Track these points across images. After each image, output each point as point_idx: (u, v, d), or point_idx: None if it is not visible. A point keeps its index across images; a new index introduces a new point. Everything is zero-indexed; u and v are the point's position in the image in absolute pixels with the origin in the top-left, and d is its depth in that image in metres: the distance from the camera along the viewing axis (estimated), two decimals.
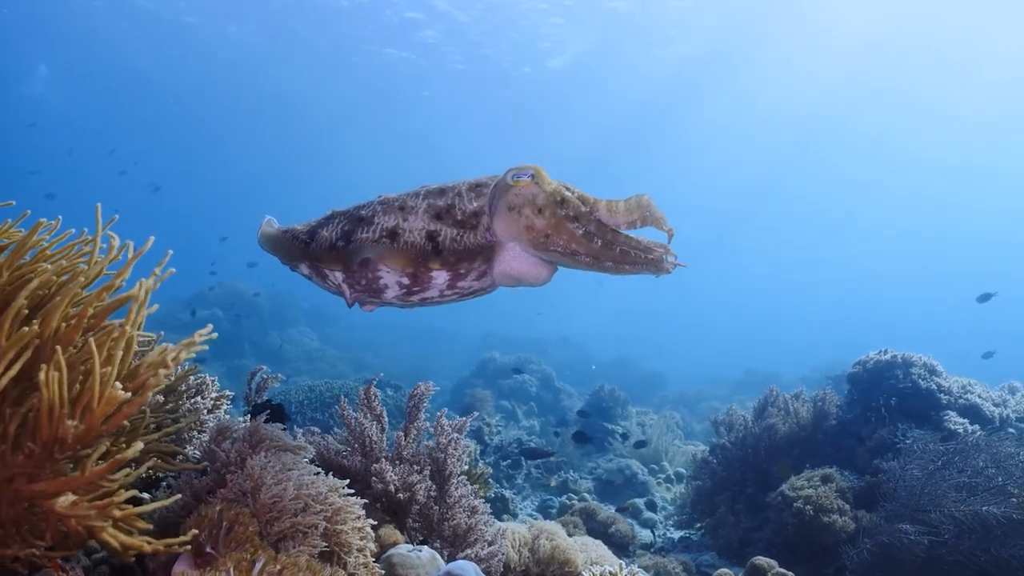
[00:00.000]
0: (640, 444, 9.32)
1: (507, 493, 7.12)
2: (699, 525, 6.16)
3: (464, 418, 2.51)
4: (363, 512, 1.85)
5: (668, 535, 6.57)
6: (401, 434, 2.47)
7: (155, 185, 21.02)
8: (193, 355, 1.37)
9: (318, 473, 1.94)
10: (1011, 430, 5.21)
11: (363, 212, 1.86)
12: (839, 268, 56.66)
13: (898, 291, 55.23)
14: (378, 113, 35.38)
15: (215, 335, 1.48)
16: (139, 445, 1.38)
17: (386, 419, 2.57)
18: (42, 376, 1.24)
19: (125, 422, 1.63)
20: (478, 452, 8.16)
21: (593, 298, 42.04)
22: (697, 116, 34.47)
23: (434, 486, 2.44)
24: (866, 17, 24.87)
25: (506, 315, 29.50)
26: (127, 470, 1.45)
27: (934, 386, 5.30)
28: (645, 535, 6.43)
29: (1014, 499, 3.61)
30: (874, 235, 53.20)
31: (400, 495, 2.34)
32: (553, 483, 7.79)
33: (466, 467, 2.54)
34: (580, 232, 1.65)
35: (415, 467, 2.42)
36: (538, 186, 1.69)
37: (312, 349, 18.01)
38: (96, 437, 1.33)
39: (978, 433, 4.33)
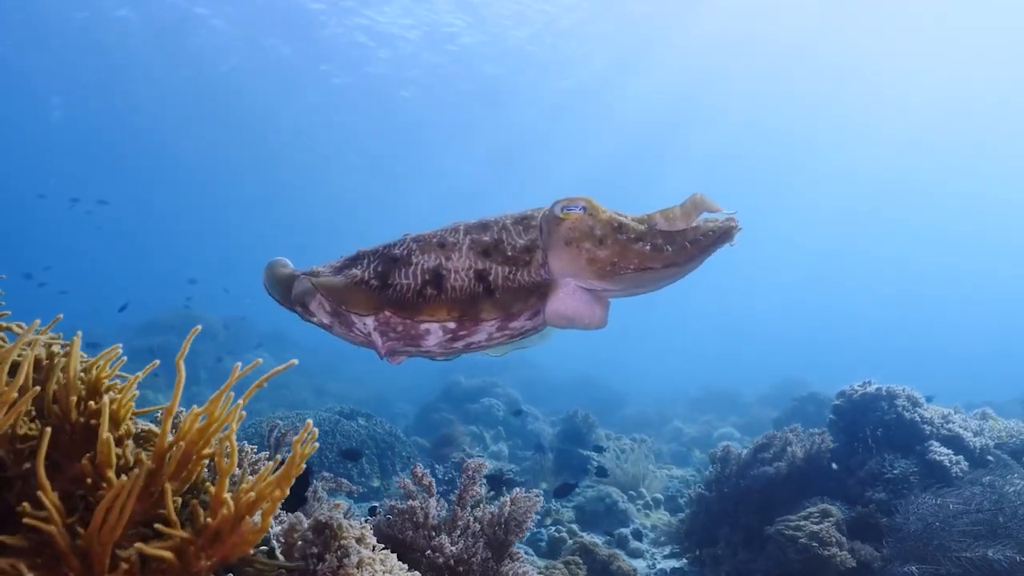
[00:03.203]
0: (601, 472, 9.31)
1: None
2: (690, 556, 6.21)
3: (534, 500, 2.46)
4: None
5: (659, 566, 6.62)
6: (457, 507, 2.43)
7: (103, 200, 20.24)
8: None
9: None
10: (989, 457, 5.45)
11: (397, 251, 1.70)
12: (791, 285, 58.54)
13: (848, 308, 57.31)
14: (354, 137, 35.09)
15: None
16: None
17: (435, 487, 2.52)
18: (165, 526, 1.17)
19: None
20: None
21: None
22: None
23: (490, 556, 2.40)
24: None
25: None
26: None
27: (917, 417, 5.50)
28: (638, 565, 6.45)
29: (1014, 540, 3.73)
30: (830, 253, 55.22)
31: (460, 568, 2.30)
32: (566, 518, 7.76)
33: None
34: (648, 249, 1.58)
35: (470, 540, 2.38)
36: (593, 218, 1.62)
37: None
38: (224, 565, 1.26)
39: (986, 478, 4.50)
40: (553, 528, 7.21)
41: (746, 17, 24.56)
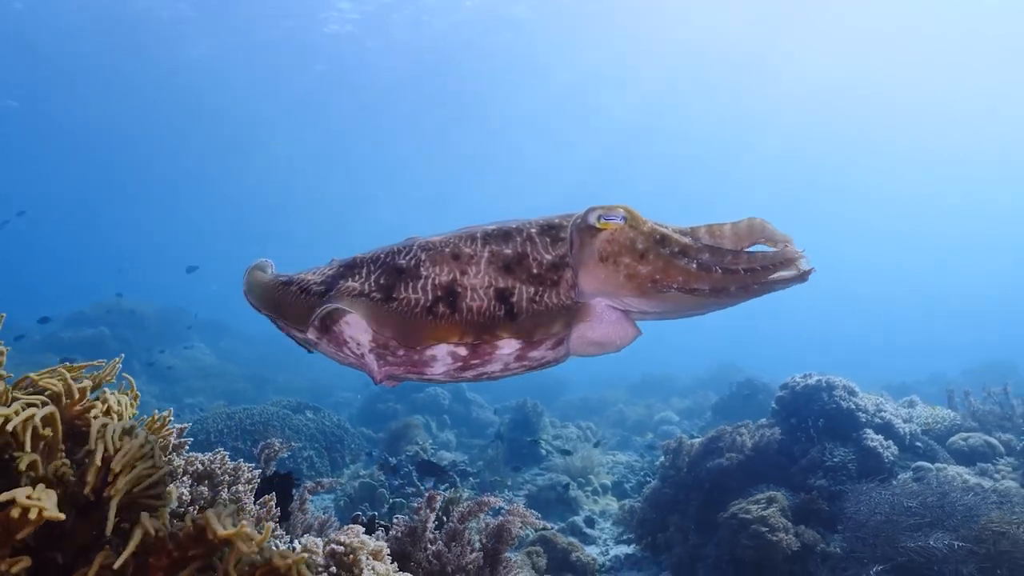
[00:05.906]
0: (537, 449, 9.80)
1: None
2: (644, 542, 6.47)
3: (530, 517, 2.56)
4: None
5: (612, 552, 6.86)
6: (457, 525, 2.50)
7: (20, 210, 19.16)
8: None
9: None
10: (918, 443, 5.88)
11: (402, 261, 1.46)
12: None
13: (775, 297, 59.64)
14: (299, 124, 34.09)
15: None
16: None
17: (438, 504, 2.58)
18: None
19: None
20: (416, 478, 8.12)
21: None
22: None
23: (484, 563, 2.49)
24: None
25: None
26: None
27: (853, 406, 5.89)
28: (592, 551, 6.67)
29: (956, 532, 4.04)
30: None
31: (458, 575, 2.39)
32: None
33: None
34: (694, 266, 1.38)
35: (467, 547, 2.47)
36: (634, 229, 1.41)
37: (207, 365, 17.05)
38: None
39: (916, 463, 4.85)
40: None
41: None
